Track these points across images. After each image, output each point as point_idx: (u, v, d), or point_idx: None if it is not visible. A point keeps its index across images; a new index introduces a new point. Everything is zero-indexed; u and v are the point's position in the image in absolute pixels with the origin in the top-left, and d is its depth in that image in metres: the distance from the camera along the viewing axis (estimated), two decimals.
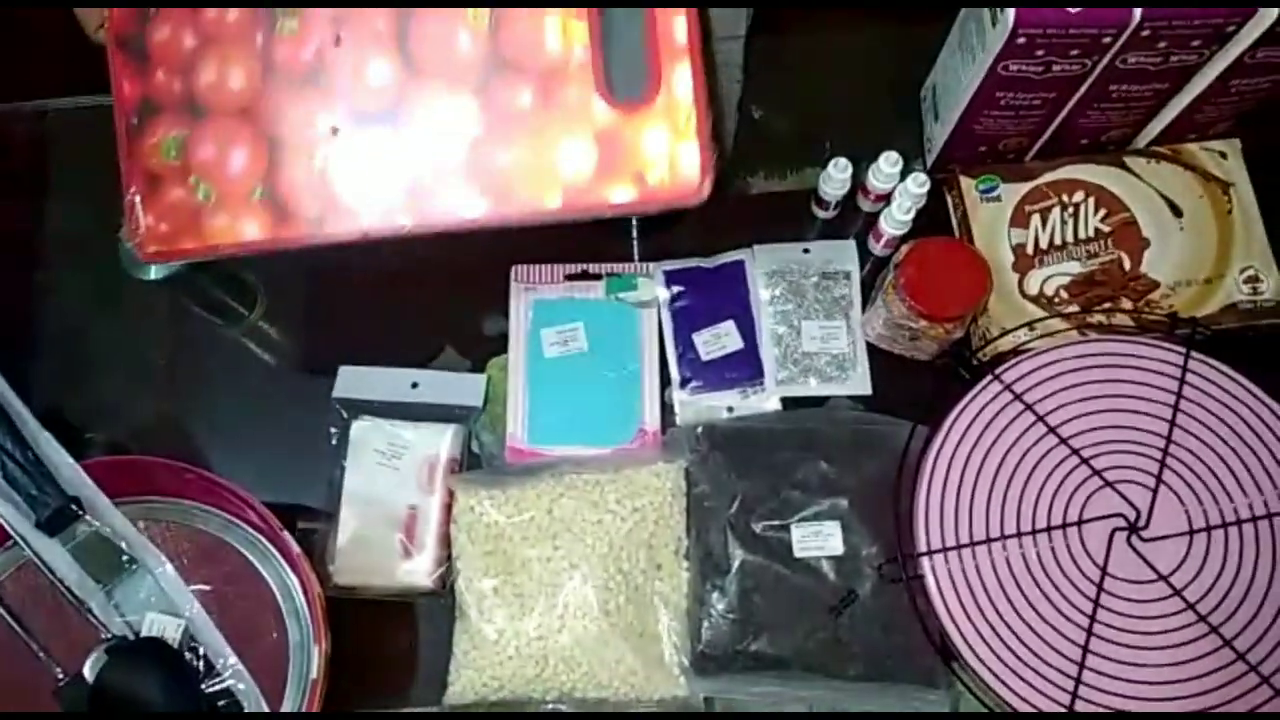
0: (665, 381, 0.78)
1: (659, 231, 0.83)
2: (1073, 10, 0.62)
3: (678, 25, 0.57)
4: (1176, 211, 0.76)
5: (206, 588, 0.69)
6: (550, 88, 0.59)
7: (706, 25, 0.62)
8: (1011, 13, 0.63)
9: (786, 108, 1.05)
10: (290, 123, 0.60)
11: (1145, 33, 0.64)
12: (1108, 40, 0.64)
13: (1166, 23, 0.63)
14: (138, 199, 0.61)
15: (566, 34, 0.58)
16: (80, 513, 0.66)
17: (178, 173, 0.61)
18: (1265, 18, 0.63)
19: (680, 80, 0.57)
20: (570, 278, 0.80)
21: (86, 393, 0.81)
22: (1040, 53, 0.65)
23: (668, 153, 0.57)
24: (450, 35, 0.60)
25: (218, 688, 0.65)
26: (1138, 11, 0.62)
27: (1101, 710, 0.62)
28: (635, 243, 0.84)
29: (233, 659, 0.65)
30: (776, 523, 0.70)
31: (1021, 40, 0.64)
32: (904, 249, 0.71)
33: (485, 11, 0.59)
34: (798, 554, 0.69)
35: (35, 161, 0.87)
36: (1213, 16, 0.63)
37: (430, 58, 0.60)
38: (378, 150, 0.60)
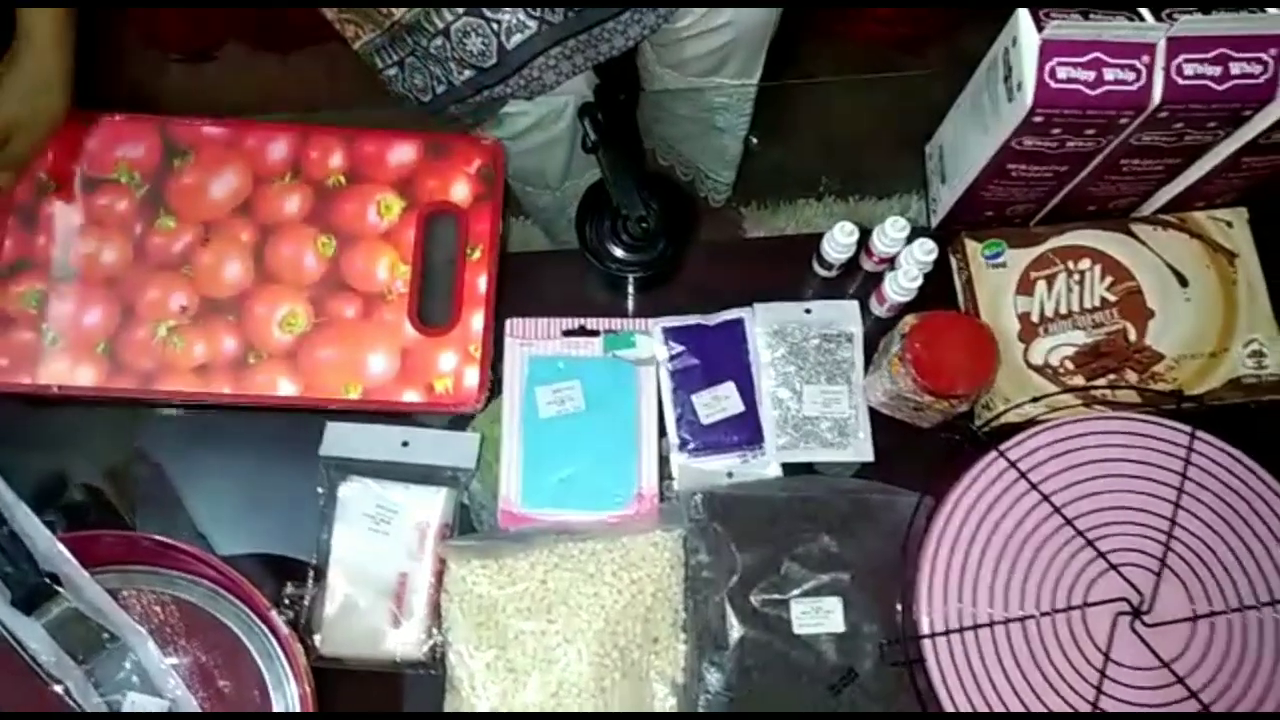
0: (662, 433, 0.76)
1: (657, 287, 0.82)
2: (1091, 93, 0.61)
3: (482, 279, 0.77)
4: (1183, 281, 0.75)
5: (188, 661, 0.66)
6: (372, 306, 0.77)
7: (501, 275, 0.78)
8: (1030, 91, 0.61)
9: (784, 144, 1.04)
10: (147, 297, 0.76)
11: (1163, 114, 0.63)
12: (1125, 121, 0.63)
13: (1184, 106, 0.62)
14: None
15: (393, 270, 0.77)
16: (57, 589, 0.63)
17: (32, 319, 0.75)
18: None
19: (475, 319, 0.76)
20: (567, 333, 0.78)
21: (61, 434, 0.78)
22: (1056, 130, 0.64)
23: (455, 370, 0.75)
24: (300, 254, 0.78)
25: None
26: (1157, 94, 0.61)
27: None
28: (631, 298, 0.82)
29: None
30: (776, 597, 0.69)
31: (1039, 119, 0.63)
32: (910, 319, 0.70)
33: (333, 240, 0.78)
34: (797, 630, 0.68)
35: None
36: (1232, 100, 0.62)
37: (280, 268, 0.77)
38: (216, 330, 0.75)
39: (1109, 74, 0.61)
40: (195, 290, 0.76)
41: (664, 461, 0.76)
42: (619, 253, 0.78)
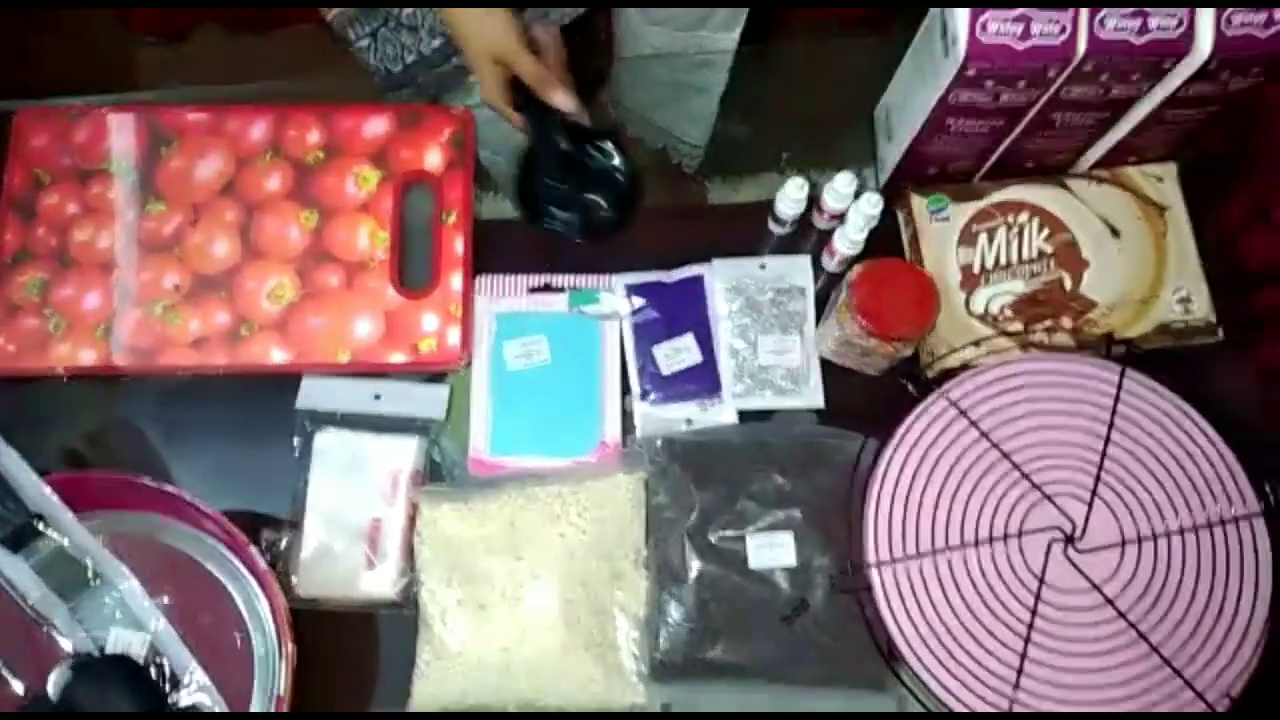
0: (625, 391, 0.79)
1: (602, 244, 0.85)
2: (1019, 46, 0.65)
3: (458, 241, 0.81)
4: (1115, 233, 0.79)
5: (170, 602, 0.69)
6: (355, 275, 0.80)
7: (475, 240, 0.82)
8: (963, 45, 0.65)
9: (747, 119, 1.08)
10: (141, 278, 0.80)
11: (1088, 67, 0.67)
12: (1053, 74, 0.67)
13: (1108, 58, 0.66)
14: None
15: (374, 239, 0.81)
16: (44, 529, 0.66)
17: (36, 306, 0.79)
18: (1199, 56, 0.66)
19: (454, 280, 0.80)
20: (534, 290, 0.82)
21: (41, 403, 0.80)
22: (989, 83, 0.68)
23: (438, 331, 0.78)
24: (284, 229, 0.81)
25: (184, 703, 0.66)
26: (1081, 47, 0.65)
27: (1038, 712, 0.66)
28: (592, 257, 0.85)
29: (198, 673, 0.66)
30: (732, 533, 0.73)
31: (972, 72, 0.66)
32: (856, 268, 0.73)
33: (315, 214, 0.81)
34: (753, 564, 0.72)
35: None
36: (1151, 54, 0.66)
37: (266, 244, 0.81)
38: (208, 305, 0.79)
39: (1035, 28, 0.64)
40: (187, 269, 0.79)
41: (627, 416, 0.79)
42: (556, 210, 0.82)
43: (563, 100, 0.75)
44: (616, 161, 0.83)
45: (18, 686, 0.65)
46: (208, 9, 1.42)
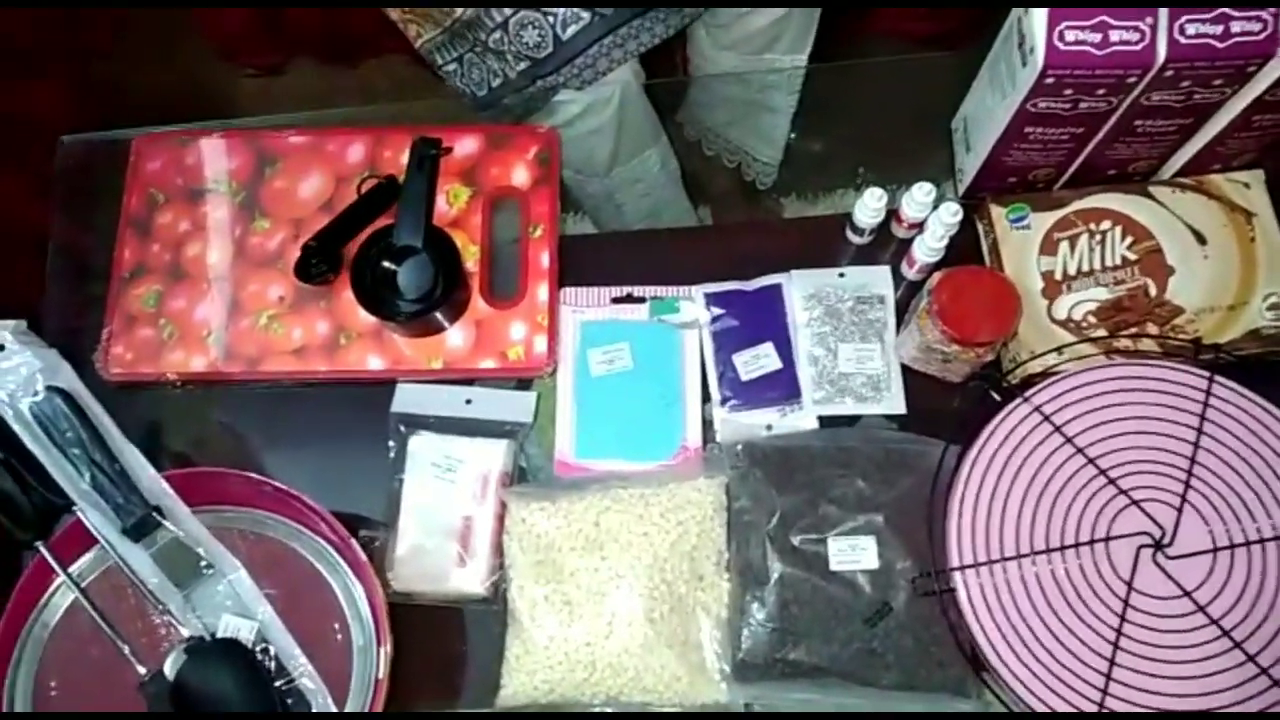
0: (705, 399, 0.81)
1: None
2: (1098, 53, 0.65)
3: (544, 254, 0.84)
4: (1201, 240, 0.79)
5: (275, 592, 0.73)
6: None
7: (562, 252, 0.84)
8: (1041, 54, 0.66)
9: (823, 136, 1.10)
10: (248, 290, 0.84)
11: (1169, 73, 0.67)
12: (1133, 80, 0.68)
13: (1189, 64, 0.66)
14: (109, 334, 0.83)
15: (465, 252, 0.83)
16: (161, 520, 0.71)
17: (151, 317, 0.84)
18: None
19: (540, 291, 0.83)
20: (616, 300, 0.84)
21: (154, 407, 0.85)
22: (1068, 91, 0.69)
23: (525, 339, 0.82)
24: None
25: (288, 686, 0.69)
26: (1161, 53, 0.66)
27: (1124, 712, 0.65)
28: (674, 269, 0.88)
29: (302, 659, 0.70)
30: (814, 537, 0.74)
31: (1050, 80, 0.67)
32: (937, 276, 0.74)
33: None
34: (834, 567, 0.73)
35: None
36: (1234, 58, 0.66)
37: None
38: (310, 315, 0.83)
39: (1114, 35, 0.65)
40: (290, 282, 0.83)
41: (707, 422, 0.81)
42: (389, 293, 0.80)
43: None
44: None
45: (139, 667, 0.69)
46: (302, 43, 1.50)
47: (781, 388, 0.81)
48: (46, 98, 1.23)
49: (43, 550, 0.71)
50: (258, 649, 0.70)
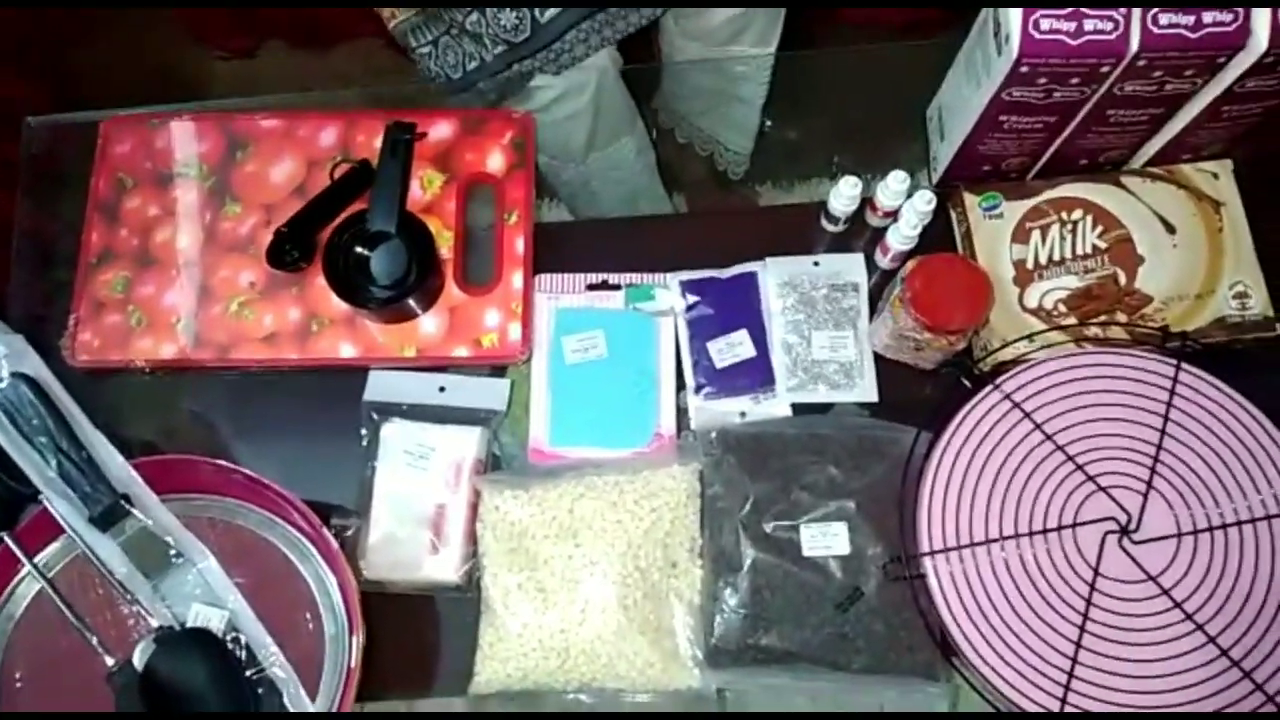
0: (680, 386, 0.81)
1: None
2: (1073, 42, 0.66)
3: (519, 241, 0.83)
4: (1170, 229, 0.80)
5: (245, 581, 0.72)
6: None
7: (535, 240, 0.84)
8: (1016, 43, 0.66)
9: (797, 123, 1.09)
10: (218, 276, 0.83)
11: (1141, 63, 0.67)
12: (1106, 69, 0.68)
13: (1161, 54, 0.67)
14: (76, 321, 0.82)
15: (438, 237, 0.82)
16: (130, 509, 0.70)
17: (119, 303, 0.82)
18: (1254, 50, 0.67)
19: (515, 278, 0.83)
20: (591, 287, 0.84)
21: (123, 395, 0.84)
22: (1042, 80, 0.69)
23: (499, 326, 0.81)
24: None
25: (259, 675, 0.69)
26: (1134, 43, 0.66)
27: (1094, 704, 0.66)
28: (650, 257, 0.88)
29: (273, 648, 0.69)
30: (786, 523, 0.74)
31: (1025, 69, 0.68)
32: (910, 264, 0.75)
33: None
34: (806, 553, 0.73)
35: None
36: (1205, 49, 0.67)
37: None
38: (281, 302, 0.82)
39: (1089, 24, 0.65)
40: (261, 267, 0.82)
41: (681, 412, 0.81)
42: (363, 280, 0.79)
43: None
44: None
45: (108, 658, 0.68)
46: (274, 26, 1.48)
47: (755, 375, 0.81)
48: (13, 81, 1.20)
49: (8, 540, 0.70)
50: (228, 638, 0.70)
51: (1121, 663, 0.67)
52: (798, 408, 0.81)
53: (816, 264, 0.84)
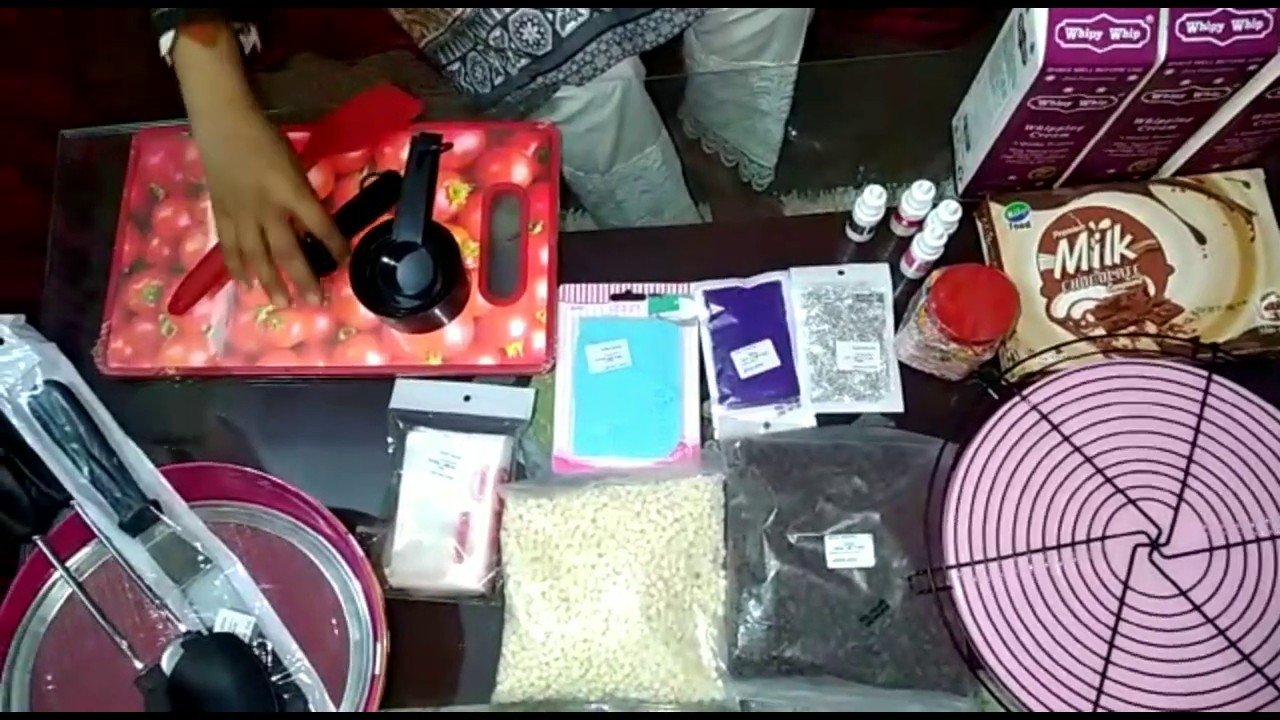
0: (704, 396, 0.81)
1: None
2: (1099, 51, 0.65)
3: (543, 251, 0.84)
4: (1200, 239, 0.79)
5: (272, 587, 0.73)
6: None
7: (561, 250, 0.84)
8: (1042, 52, 0.66)
9: (822, 132, 1.09)
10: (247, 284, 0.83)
11: (1169, 71, 0.67)
12: (1133, 78, 0.67)
13: (1189, 62, 0.66)
14: (108, 329, 0.83)
15: (464, 247, 0.83)
16: (159, 515, 0.71)
17: (151, 312, 0.84)
18: None
19: (540, 287, 0.83)
20: (615, 297, 0.84)
21: (153, 402, 0.85)
22: (1068, 89, 0.69)
23: (524, 335, 0.82)
24: None
25: (285, 681, 0.70)
26: (1162, 51, 0.65)
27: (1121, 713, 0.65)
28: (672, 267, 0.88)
29: (299, 654, 0.70)
30: (811, 534, 0.74)
31: (1051, 78, 0.67)
32: (936, 274, 0.74)
33: None
34: (831, 565, 0.73)
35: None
36: (1234, 56, 0.66)
37: None
38: (309, 311, 0.83)
39: (1115, 33, 0.65)
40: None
41: (705, 422, 0.81)
42: (389, 289, 0.80)
43: (337, 244, 0.79)
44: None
45: (136, 662, 0.69)
46: (303, 39, 1.49)
47: (780, 385, 0.81)
48: (46, 93, 1.23)
49: (40, 544, 0.71)
50: (254, 644, 0.71)
51: (1151, 678, 0.66)
52: (822, 418, 0.80)
53: (841, 274, 0.83)
